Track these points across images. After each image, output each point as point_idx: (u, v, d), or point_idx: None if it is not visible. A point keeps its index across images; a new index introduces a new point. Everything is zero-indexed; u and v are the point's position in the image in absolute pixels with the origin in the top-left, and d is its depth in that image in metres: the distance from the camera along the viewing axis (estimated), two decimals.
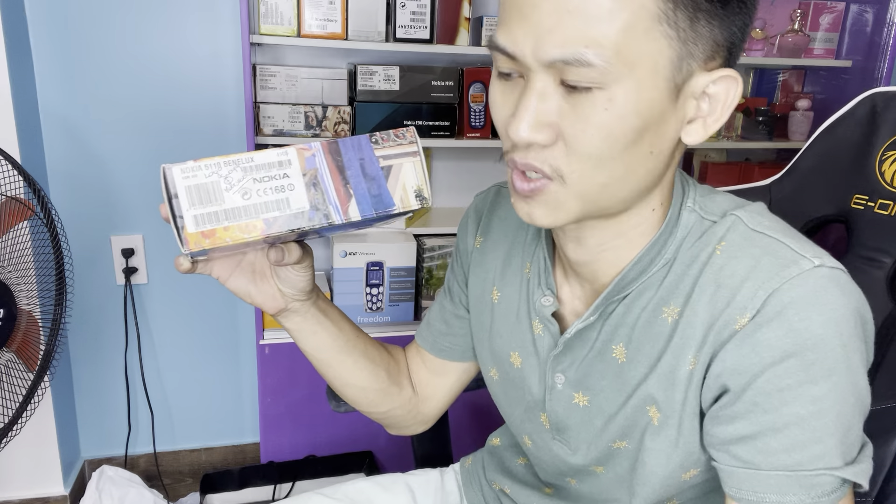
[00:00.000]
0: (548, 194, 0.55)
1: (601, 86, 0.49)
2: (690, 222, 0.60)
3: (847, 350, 0.53)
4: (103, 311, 1.76)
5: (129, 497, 1.68)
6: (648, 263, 0.61)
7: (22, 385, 1.24)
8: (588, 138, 0.51)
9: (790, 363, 0.52)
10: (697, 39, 0.50)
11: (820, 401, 0.53)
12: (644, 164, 0.54)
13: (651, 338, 0.60)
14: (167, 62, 1.65)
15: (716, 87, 0.53)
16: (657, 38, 0.49)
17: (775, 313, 0.53)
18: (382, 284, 1.69)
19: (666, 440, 0.61)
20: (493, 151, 1.92)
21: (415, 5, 1.58)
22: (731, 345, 0.55)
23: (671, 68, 0.50)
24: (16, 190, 1.20)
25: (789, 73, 2.03)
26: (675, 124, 0.54)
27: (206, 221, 0.52)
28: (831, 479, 0.53)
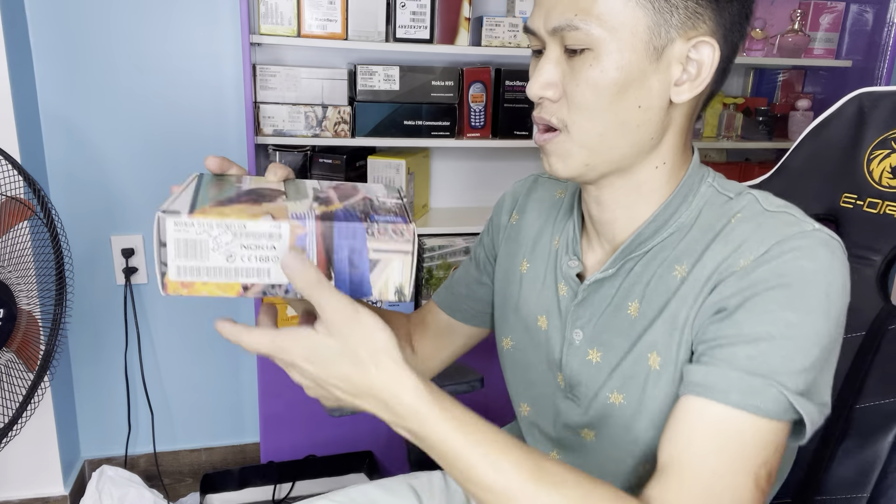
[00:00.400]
0: (557, 144, 0.66)
1: (590, 47, 0.61)
2: (708, 194, 0.69)
3: (830, 300, 0.59)
4: (103, 311, 1.76)
5: (129, 497, 1.68)
6: (663, 223, 0.68)
7: (22, 385, 1.24)
8: (580, 91, 0.63)
9: (776, 292, 0.59)
10: (672, 10, 0.60)
11: (794, 327, 0.58)
12: (634, 118, 0.63)
13: (661, 292, 0.67)
14: (167, 62, 1.65)
15: (696, 52, 0.62)
16: (633, 8, 0.60)
17: (773, 256, 0.60)
18: None
19: (664, 380, 0.66)
20: (493, 151, 1.92)
21: (415, 5, 1.58)
22: (731, 279, 0.61)
23: (648, 33, 0.61)
24: (16, 190, 1.21)
25: (789, 73, 2.03)
26: (659, 83, 0.63)
27: (188, 274, 0.54)
28: (779, 396, 0.57)
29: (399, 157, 1.68)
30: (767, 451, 0.58)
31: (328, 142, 1.63)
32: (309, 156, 1.64)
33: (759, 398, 0.57)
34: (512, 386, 0.85)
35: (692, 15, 0.61)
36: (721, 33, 0.63)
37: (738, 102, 1.96)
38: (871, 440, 0.81)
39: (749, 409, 0.57)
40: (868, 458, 0.81)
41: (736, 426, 0.57)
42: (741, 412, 0.57)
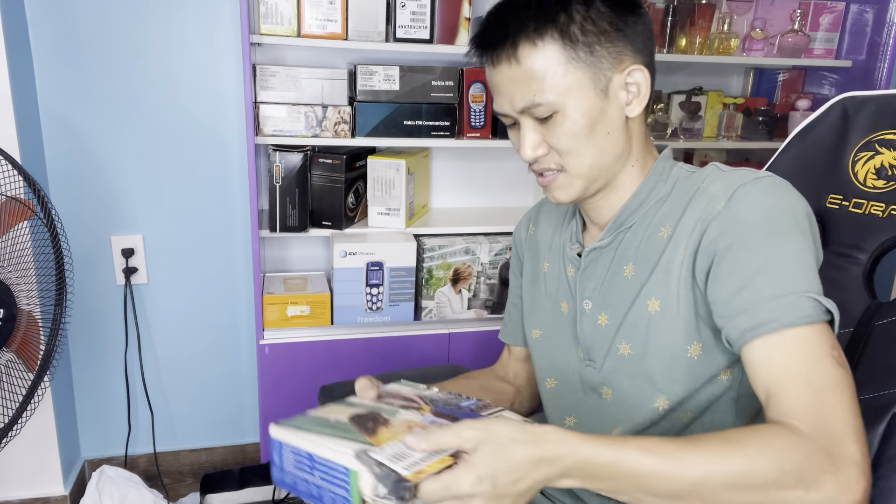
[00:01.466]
0: (559, 181, 0.83)
1: (556, 110, 0.77)
2: (679, 173, 0.85)
3: (800, 223, 0.73)
4: (103, 311, 1.76)
5: (129, 497, 1.68)
6: (645, 196, 0.84)
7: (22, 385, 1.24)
8: (563, 142, 0.79)
9: (759, 227, 0.72)
10: (601, 60, 0.77)
11: (783, 247, 0.71)
12: (607, 141, 0.80)
13: (650, 251, 0.81)
14: (167, 62, 1.65)
15: (632, 78, 0.79)
16: (573, 72, 0.77)
17: (743, 195, 0.74)
18: (382, 284, 1.69)
19: (667, 317, 0.79)
20: (493, 151, 1.92)
21: (415, 5, 1.58)
22: (714, 222, 0.75)
23: (591, 83, 0.77)
24: (16, 190, 1.21)
25: (789, 73, 2.03)
26: (615, 111, 0.79)
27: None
28: (810, 301, 0.69)
29: (399, 157, 1.69)
30: (830, 338, 0.69)
31: (328, 142, 1.63)
32: (309, 156, 1.64)
33: (799, 310, 0.68)
34: (539, 367, 0.97)
35: (615, 55, 0.77)
36: (641, 55, 0.79)
37: (738, 102, 1.96)
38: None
39: (799, 322, 0.68)
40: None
41: (798, 340, 0.68)
42: (794, 328, 0.68)
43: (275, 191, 1.62)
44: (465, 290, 1.77)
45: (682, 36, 1.84)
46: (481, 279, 1.77)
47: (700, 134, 1.92)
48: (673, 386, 0.80)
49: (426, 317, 1.76)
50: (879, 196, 0.92)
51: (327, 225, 1.69)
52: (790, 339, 0.68)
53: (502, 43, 0.77)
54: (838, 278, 0.94)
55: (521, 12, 0.77)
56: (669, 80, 1.99)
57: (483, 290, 1.78)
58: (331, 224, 1.69)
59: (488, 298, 1.79)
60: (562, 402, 0.93)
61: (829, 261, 0.95)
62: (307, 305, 1.67)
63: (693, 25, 1.83)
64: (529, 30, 0.76)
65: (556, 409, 0.94)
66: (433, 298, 1.75)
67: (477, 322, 1.79)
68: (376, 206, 1.73)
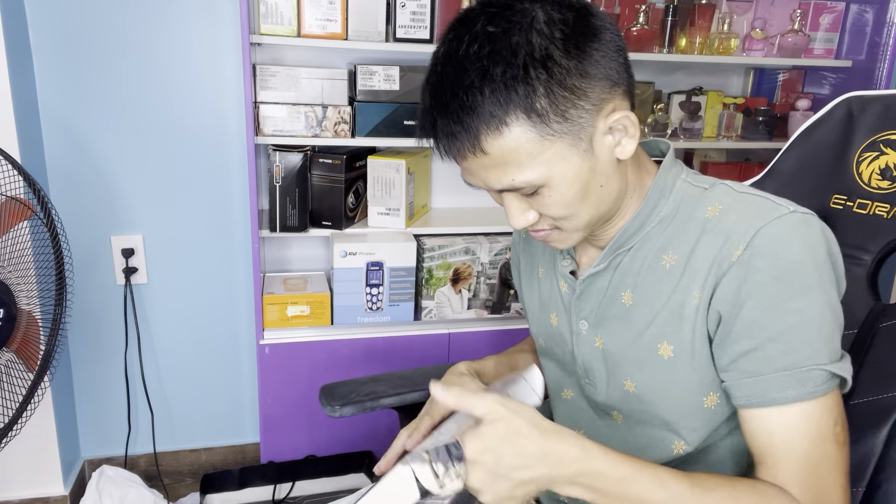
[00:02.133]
0: (556, 235, 0.75)
1: (541, 185, 0.68)
2: (684, 189, 0.76)
3: (820, 272, 0.67)
4: (103, 311, 1.76)
5: (129, 497, 1.68)
6: (646, 218, 0.76)
7: (22, 385, 1.24)
8: (557, 211, 0.70)
9: (776, 285, 0.66)
10: (577, 121, 0.66)
11: (804, 312, 0.66)
12: (603, 192, 0.71)
13: (653, 281, 0.74)
14: (167, 62, 1.65)
15: (615, 121, 0.68)
16: (550, 145, 0.66)
17: (763, 245, 0.67)
18: (382, 284, 1.69)
19: (682, 367, 0.73)
20: None
21: (415, 5, 1.58)
22: (730, 273, 0.68)
23: (572, 146, 0.67)
24: (16, 190, 1.21)
25: (789, 73, 2.03)
26: (604, 160, 0.70)
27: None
28: (821, 373, 0.66)
29: (399, 157, 1.69)
30: (833, 413, 0.67)
31: (328, 142, 1.63)
32: (309, 156, 1.64)
33: (809, 385, 0.66)
34: (550, 377, 0.92)
35: (593, 104, 0.66)
36: (618, 83, 0.68)
37: (738, 102, 1.96)
38: (865, 435, 0.83)
39: (806, 398, 0.66)
40: (862, 453, 0.82)
41: (802, 415, 0.66)
42: (801, 403, 0.66)
43: (275, 191, 1.62)
44: (465, 290, 1.77)
45: (682, 36, 1.84)
46: (481, 279, 1.77)
47: (700, 134, 1.92)
48: (691, 434, 0.76)
49: (426, 317, 1.76)
50: (884, 197, 0.91)
51: (327, 225, 1.69)
52: (794, 413, 0.66)
53: (460, 137, 0.65)
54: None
55: (472, 96, 0.64)
56: (669, 80, 1.99)
57: (483, 290, 1.78)
58: (331, 224, 1.69)
59: (488, 298, 1.79)
60: (574, 414, 0.89)
61: None
62: (307, 305, 1.67)
63: (693, 25, 1.83)
64: (488, 116, 0.63)
65: (568, 422, 0.89)
66: (433, 298, 1.75)
67: (477, 322, 1.78)
68: (376, 206, 1.73)
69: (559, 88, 0.64)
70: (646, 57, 1.76)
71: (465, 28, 0.66)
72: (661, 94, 1.95)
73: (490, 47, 0.63)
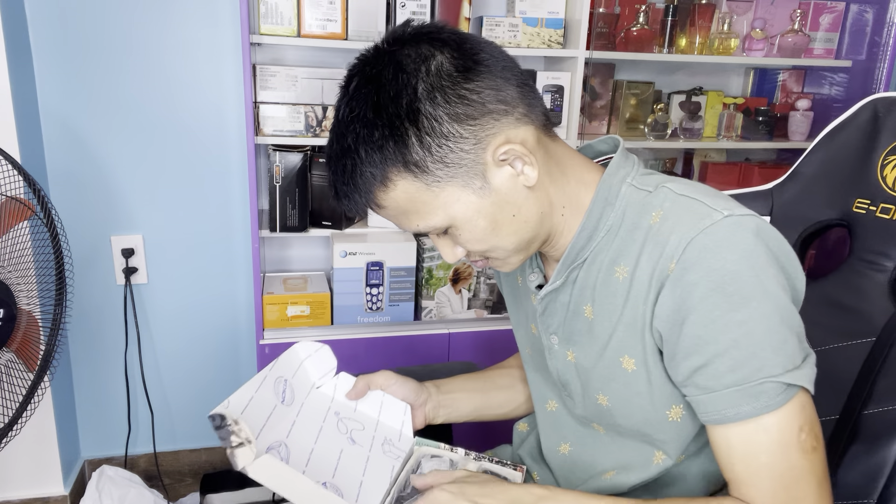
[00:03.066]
0: (494, 262, 0.75)
1: (448, 226, 0.69)
2: (629, 194, 0.72)
3: (760, 278, 0.63)
4: (103, 311, 1.76)
5: (129, 497, 1.68)
6: (592, 230, 0.73)
7: (22, 385, 1.24)
8: (475, 246, 0.71)
9: (713, 298, 0.63)
10: (461, 163, 0.66)
11: (746, 323, 0.63)
12: (518, 220, 0.70)
13: (609, 294, 0.72)
14: (167, 62, 1.65)
15: (505, 154, 0.67)
16: (441, 189, 0.66)
17: (695, 258, 0.64)
18: (382, 284, 1.69)
19: (643, 381, 0.72)
20: None
21: (415, 5, 1.58)
22: (665, 289, 0.66)
23: (464, 186, 0.67)
24: (16, 190, 1.20)
25: (789, 73, 2.03)
26: (508, 191, 0.68)
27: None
28: (774, 386, 0.63)
29: None
30: (797, 421, 0.64)
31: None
32: (309, 156, 1.64)
33: (763, 398, 0.63)
34: (534, 388, 0.91)
35: (476, 143, 0.65)
36: (507, 104, 0.66)
37: (738, 102, 1.96)
38: (879, 446, 0.81)
39: (762, 412, 0.63)
40: (875, 464, 0.81)
41: (760, 428, 0.64)
42: (758, 417, 0.64)
43: (275, 191, 1.62)
44: (465, 290, 1.77)
45: (682, 36, 1.84)
46: (481, 279, 1.77)
47: (700, 134, 1.92)
48: (667, 446, 0.76)
49: (426, 317, 1.76)
50: None
51: (327, 225, 1.69)
52: (752, 428, 0.64)
53: (354, 198, 0.68)
54: (862, 285, 0.91)
55: (351, 159, 0.66)
56: (669, 80, 1.99)
57: (483, 290, 1.78)
58: (331, 224, 1.69)
59: (488, 298, 1.79)
60: (558, 426, 0.88)
61: (854, 267, 0.92)
62: (307, 305, 1.67)
63: (693, 25, 1.83)
64: (369, 176, 0.66)
65: (552, 434, 0.89)
66: (433, 298, 1.75)
67: (477, 322, 1.78)
68: None
69: (431, 138, 0.64)
70: (646, 57, 1.76)
71: (345, 90, 0.68)
72: (661, 95, 1.95)
73: (360, 109, 0.65)
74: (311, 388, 0.87)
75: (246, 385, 0.77)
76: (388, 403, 0.89)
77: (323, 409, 0.85)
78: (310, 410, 0.84)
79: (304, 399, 0.85)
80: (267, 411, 0.77)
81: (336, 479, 0.74)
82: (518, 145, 0.66)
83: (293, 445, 0.76)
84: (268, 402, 0.78)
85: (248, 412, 0.74)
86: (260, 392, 0.78)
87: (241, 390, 0.76)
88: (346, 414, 0.86)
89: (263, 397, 0.78)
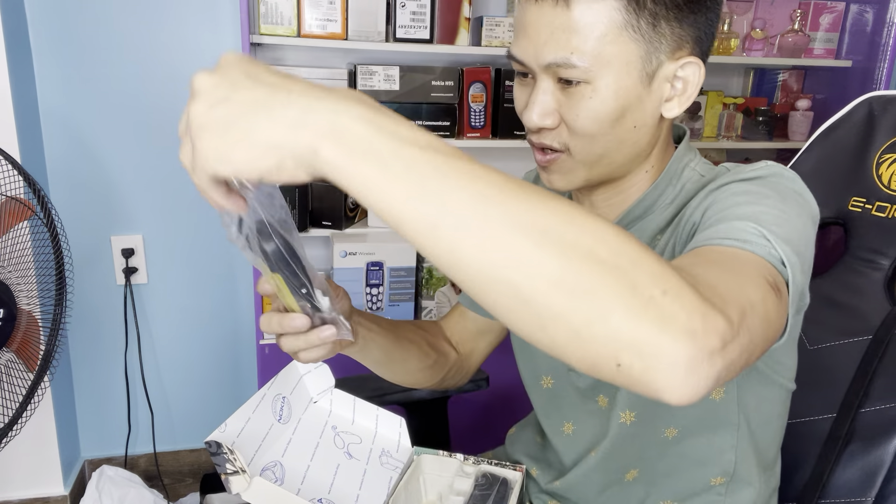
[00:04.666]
0: (560, 163, 0.70)
1: (586, 80, 0.63)
2: (690, 176, 0.74)
3: (797, 187, 0.63)
4: (103, 311, 1.76)
5: (129, 497, 1.68)
6: (652, 203, 0.73)
7: (22, 385, 1.24)
8: (581, 121, 0.65)
9: (743, 186, 0.62)
10: (661, 38, 0.64)
11: (767, 200, 0.59)
12: (631, 137, 0.68)
13: None
14: (167, 62, 1.65)
15: (683, 71, 0.66)
16: (626, 42, 0.62)
17: (729, 170, 0.66)
18: (382, 284, 1.69)
19: None
20: (494, 151, 1.92)
21: (415, 5, 1.58)
22: (694, 200, 0.67)
23: (640, 62, 0.64)
24: (16, 190, 1.20)
25: (789, 73, 2.03)
26: (652, 104, 0.67)
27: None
28: (760, 236, 0.54)
29: None
30: (769, 276, 0.52)
31: None
32: None
33: (746, 236, 0.54)
34: (528, 363, 0.87)
35: (677, 39, 0.64)
36: (700, 47, 0.67)
37: (738, 102, 1.96)
38: (877, 444, 0.81)
39: (739, 246, 0.54)
40: (873, 462, 0.81)
41: (734, 254, 0.54)
42: (734, 249, 0.54)
43: None
44: None
45: None
46: None
47: (700, 134, 1.92)
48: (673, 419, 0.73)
49: (426, 317, 1.76)
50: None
51: (327, 225, 1.69)
52: (732, 252, 0.54)
53: None
54: (858, 284, 0.91)
55: None
56: None
57: None
58: (331, 224, 1.69)
59: None
60: (559, 404, 0.84)
61: (850, 266, 0.92)
62: None
63: None
64: None
65: (553, 413, 0.85)
66: (433, 298, 1.75)
67: None
68: None
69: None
70: None
71: None
72: None
73: None
74: (308, 403, 0.88)
75: (244, 406, 0.77)
76: (384, 417, 0.88)
77: (320, 424, 0.85)
78: (307, 426, 0.84)
79: (302, 414, 0.85)
80: (263, 432, 0.78)
81: (331, 495, 0.74)
82: (700, 75, 0.66)
83: (289, 465, 0.76)
84: (265, 422, 0.79)
85: (245, 434, 0.75)
86: (257, 413, 0.78)
87: (239, 411, 0.76)
88: (343, 427, 0.86)
89: (260, 418, 0.78)
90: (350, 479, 0.77)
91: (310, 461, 0.78)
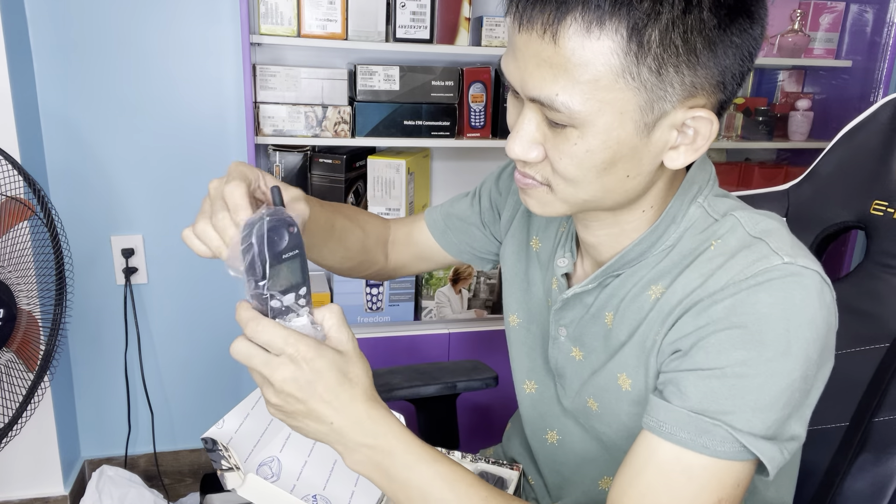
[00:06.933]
0: (539, 194, 0.63)
1: (574, 125, 0.56)
2: (696, 216, 0.66)
3: (790, 336, 0.56)
4: (103, 311, 1.76)
5: (129, 497, 1.68)
6: (648, 247, 0.67)
7: (22, 385, 1.24)
8: (564, 165, 0.58)
9: (729, 332, 0.57)
10: (667, 87, 0.54)
11: (746, 365, 0.56)
12: (622, 186, 0.60)
13: (634, 310, 0.67)
14: (167, 62, 1.65)
15: (694, 122, 0.57)
16: (622, 90, 0.54)
17: (728, 294, 0.58)
18: (382, 284, 1.69)
19: (638, 405, 0.67)
20: (494, 151, 1.92)
21: (415, 5, 1.58)
22: (689, 315, 0.60)
23: (638, 113, 0.55)
24: (16, 190, 1.21)
25: (789, 73, 2.03)
26: (651, 154, 0.59)
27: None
28: (727, 436, 0.56)
29: (399, 157, 1.68)
30: (723, 489, 0.57)
31: (328, 142, 1.63)
32: (309, 156, 1.64)
33: (708, 438, 0.57)
34: (516, 362, 0.85)
35: (689, 86, 0.55)
36: (723, 94, 0.58)
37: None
38: (889, 455, 0.80)
39: (697, 449, 0.57)
40: (884, 473, 0.79)
41: (684, 465, 0.57)
42: (690, 451, 0.57)
43: None
44: (465, 290, 1.77)
45: None
46: (481, 279, 1.77)
47: None
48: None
49: (426, 317, 1.76)
50: None
51: None
52: (675, 460, 0.58)
53: (544, 5, 0.53)
54: (878, 290, 0.88)
55: None
56: None
57: (483, 290, 1.78)
58: None
59: (488, 298, 1.79)
60: (543, 411, 0.82)
61: (869, 271, 0.90)
62: None
63: None
64: (591, 5, 0.51)
65: (537, 420, 0.83)
66: (433, 298, 1.75)
67: (477, 322, 1.78)
68: (376, 206, 1.73)
69: (679, 37, 0.52)
70: None
71: None
72: None
73: None
74: None
75: (243, 402, 0.78)
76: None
77: None
78: None
79: None
80: (261, 428, 0.78)
81: (326, 491, 0.75)
82: (715, 122, 0.57)
83: (286, 459, 0.76)
84: (263, 418, 0.79)
85: (243, 430, 0.75)
86: (256, 409, 0.78)
87: (238, 408, 0.77)
88: None
89: (259, 414, 0.78)
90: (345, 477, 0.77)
91: (307, 457, 0.78)
